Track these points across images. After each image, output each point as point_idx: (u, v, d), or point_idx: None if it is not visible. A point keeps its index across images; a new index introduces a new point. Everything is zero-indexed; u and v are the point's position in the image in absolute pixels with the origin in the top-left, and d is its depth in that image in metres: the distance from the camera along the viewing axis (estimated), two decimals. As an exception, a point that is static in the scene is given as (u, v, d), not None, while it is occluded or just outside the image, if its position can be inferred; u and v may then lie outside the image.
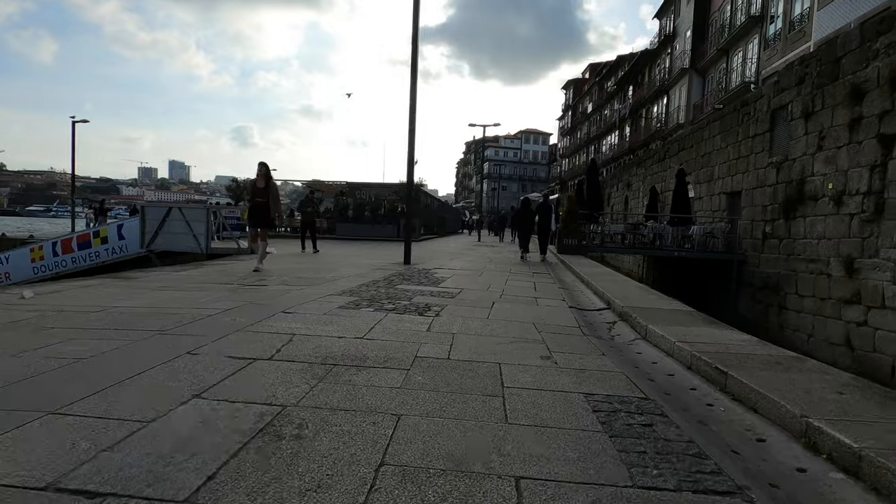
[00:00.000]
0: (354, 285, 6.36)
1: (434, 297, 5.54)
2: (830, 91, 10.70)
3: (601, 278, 7.64)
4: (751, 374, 2.56)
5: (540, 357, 3.19)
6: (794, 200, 11.83)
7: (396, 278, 7.28)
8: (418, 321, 4.19)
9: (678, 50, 29.48)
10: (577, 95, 63.43)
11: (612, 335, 4.07)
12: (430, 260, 11.39)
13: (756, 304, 13.35)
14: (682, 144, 19.65)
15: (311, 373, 2.64)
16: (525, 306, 5.25)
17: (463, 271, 8.76)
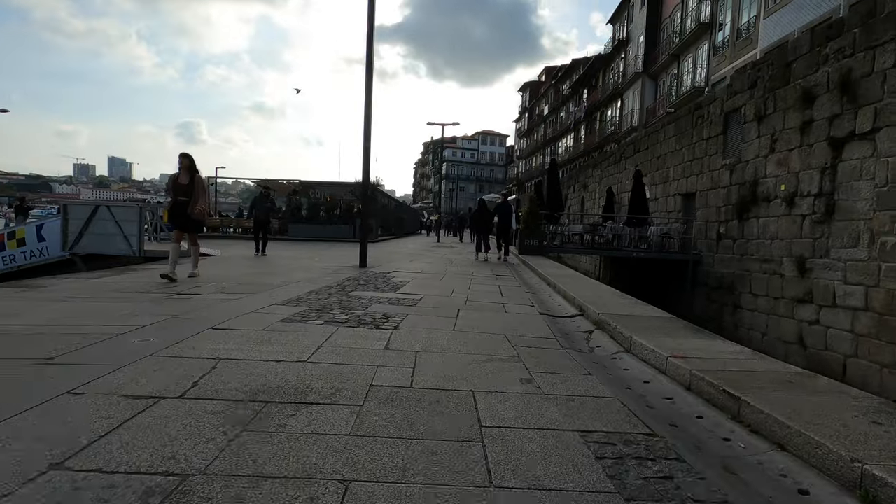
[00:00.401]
0: (303, 292, 5.68)
1: (393, 306, 4.97)
2: (782, 94, 10.94)
3: (568, 281, 7.31)
4: (766, 398, 2.17)
5: (519, 380, 2.71)
6: (748, 202, 12.06)
7: (351, 284, 6.64)
8: (375, 336, 3.62)
9: (631, 55, 30.23)
10: (533, 98, 64.30)
11: (591, 347, 3.66)
12: (388, 262, 10.78)
13: (711, 304, 13.57)
14: (638, 146, 19.96)
15: (234, 416, 2.02)
16: (493, 314, 4.79)
17: (423, 275, 8.22)
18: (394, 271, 8.63)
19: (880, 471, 1.53)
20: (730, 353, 3.10)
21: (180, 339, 3.22)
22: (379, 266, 9.71)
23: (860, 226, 8.76)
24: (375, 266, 9.65)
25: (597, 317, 4.37)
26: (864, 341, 8.56)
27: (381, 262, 10.57)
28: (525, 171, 65.29)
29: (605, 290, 6.30)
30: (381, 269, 8.93)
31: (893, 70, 8.18)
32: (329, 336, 3.54)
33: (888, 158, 8.22)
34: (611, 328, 3.92)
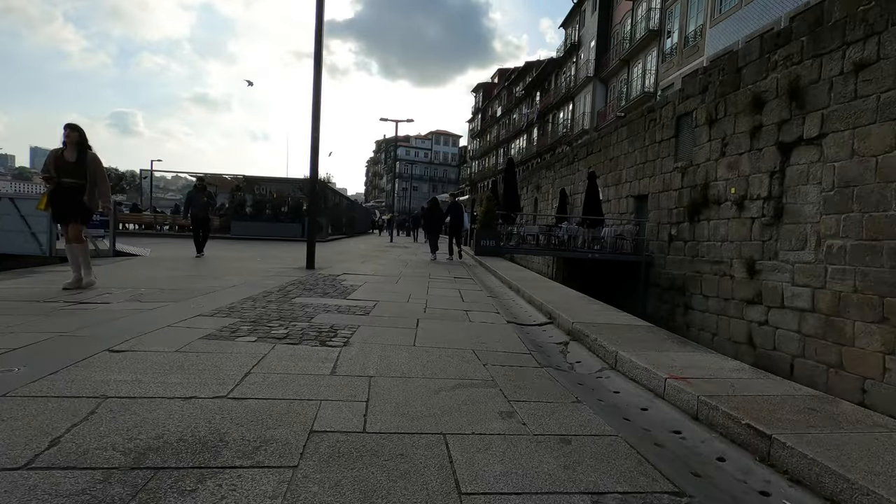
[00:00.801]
0: (238, 299, 4.91)
1: (342, 315, 4.33)
2: (733, 99, 11.16)
3: (531, 284, 6.93)
4: (802, 438, 1.77)
5: (499, 414, 2.19)
6: (699, 204, 12.26)
7: (295, 288, 5.91)
8: (319, 356, 2.97)
9: (583, 59, 30.79)
10: (486, 99, 64.63)
11: (570, 363, 3.22)
12: (339, 263, 10.02)
13: (663, 304, 13.75)
14: (591, 148, 20.16)
15: (101, 498, 1.36)
16: (457, 324, 4.27)
17: (377, 277, 7.59)
18: (344, 274, 7.92)
19: None
20: (729, 370, 2.74)
21: (58, 368, 2.44)
22: (328, 268, 8.96)
23: (807, 229, 8.97)
24: (324, 268, 8.89)
25: (570, 326, 3.95)
26: (811, 342, 8.77)
27: (331, 264, 9.81)
28: (478, 172, 65.53)
29: (572, 294, 5.95)
30: (331, 272, 8.19)
31: (840, 78, 8.41)
32: (261, 358, 2.87)
33: (834, 164, 8.44)
34: (589, 340, 3.50)
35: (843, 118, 8.32)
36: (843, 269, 8.19)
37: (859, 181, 7.99)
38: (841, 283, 8.23)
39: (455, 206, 15.06)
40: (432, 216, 14.94)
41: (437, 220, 14.98)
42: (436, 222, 14.94)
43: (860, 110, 8.02)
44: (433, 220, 14.91)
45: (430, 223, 14.96)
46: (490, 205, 13.92)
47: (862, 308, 7.87)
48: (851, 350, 8.04)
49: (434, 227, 14.90)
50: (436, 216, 14.96)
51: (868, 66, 7.92)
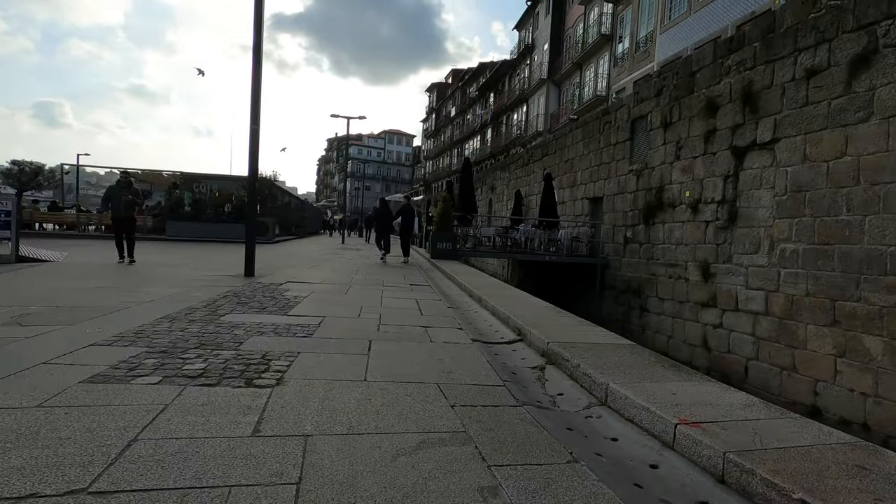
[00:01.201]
0: (151, 320, 4.08)
1: (280, 339, 3.64)
2: (687, 103, 11.22)
3: (493, 292, 6.45)
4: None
5: (479, 491, 1.63)
6: (654, 207, 12.30)
7: (227, 303, 5.10)
8: (241, 404, 2.28)
9: (536, 61, 30.99)
10: (440, 99, 64.29)
11: (551, 396, 2.72)
12: (284, 269, 9.15)
13: (619, 307, 13.75)
14: (546, 150, 20.11)
15: None
16: (416, 346, 3.68)
17: (325, 286, 6.85)
18: (288, 282, 7.12)
19: None
20: (739, 406, 2.33)
21: None
22: (270, 275, 8.10)
23: (761, 233, 9.05)
24: (266, 275, 8.03)
25: (545, 346, 3.46)
26: (765, 344, 8.84)
27: (275, 270, 8.93)
28: (432, 172, 65.08)
29: (539, 304, 5.51)
30: (273, 280, 7.36)
31: (792, 84, 8.50)
32: (160, 411, 2.15)
33: (787, 168, 8.52)
34: (569, 365, 3.02)
35: (795, 123, 8.41)
36: (796, 273, 8.27)
37: (811, 186, 8.08)
38: (794, 286, 8.31)
39: (407, 207, 14.92)
40: (382, 217, 14.86)
41: (387, 221, 14.95)
42: (386, 223, 14.87)
43: (812, 116, 8.12)
44: (383, 220, 14.81)
45: (381, 224, 14.96)
46: (446, 206, 13.42)
47: (814, 311, 7.95)
48: (804, 353, 8.12)
49: (384, 228, 14.76)
50: (385, 217, 14.88)
51: (819, 72, 8.02)
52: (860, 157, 7.31)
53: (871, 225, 7.13)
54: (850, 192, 7.44)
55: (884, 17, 7.08)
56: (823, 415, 7.67)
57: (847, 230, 7.46)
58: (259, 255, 12.84)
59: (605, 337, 3.81)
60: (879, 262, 7.00)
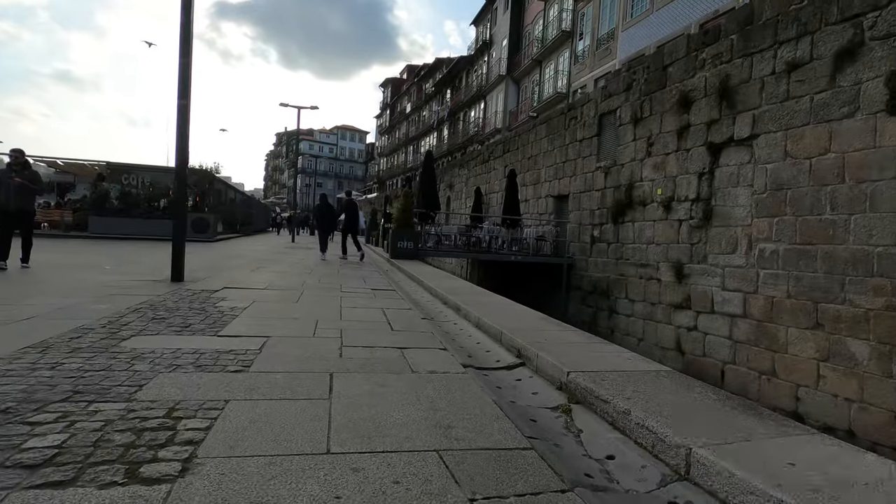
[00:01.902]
0: (17, 348, 2.89)
1: (201, 376, 2.57)
2: (658, 98, 10.86)
3: (470, 298, 5.62)
4: None
5: None
6: (624, 205, 11.91)
7: (138, 318, 3.92)
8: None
9: (495, 57, 30.52)
10: (395, 94, 62.94)
11: (600, 462, 1.89)
12: (223, 272, 7.87)
13: (586, 308, 13.32)
14: (508, 146, 19.55)
15: None
16: (395, 380, 2.69)
17: (271, 292, 5.74)
18: (225, 288, 5.93)
19: None
20: (876, 477, 1.60)
21: None
22: (205, 279, 6.87)
23: (738, 232, 8.74)
24: (199, 279, 6.79)
25: (564, 377, 2.65)
26: (743, 348, 8.52)
27: (212, 273, 7.67)
28: (387, 170, 63.63)
29: (531, 315, 4.70)
30: (206, 286, 6.14)
31: (771, 78, 8.20)
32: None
33: (766, 165, 8.22)
34: (609, 409, 2.22)
35: (775, 119, 8.11)
36: (776, 274, 7.97)
37: (793, 184, 7.79)
38: (774, 288, 8.01)
39: (350, 203, 14.46)
40: (323, 214, 14.42)
41: (329, 218, 14.53)
42: (328, 220, 14.45)
43: (793, 111, 7.82)
44: (325, 217, 14.40)
45: (322, 221, 14.40)
46: (407, 202, 12.45)
47: (795, 314, 7.67)
48: (785, 357, 7.83)
49: (326, 225, 14.36)
50: (327, 214, 14.43)
51: (801, 66, 7.73)
52: (845, 154, 7.04)
53: (857, 224, 6.86)
54: (834, 191, 7.17)
55: (871, 9, 6.82)
56: (805, 421, 7.38)
57: (831, 230, 7.18)
58: (196, 255, 11.40)
59: (631, 360, 3.06)
60: (866, 262, 6.73)
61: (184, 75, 5.79)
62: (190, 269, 7.70)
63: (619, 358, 3.10)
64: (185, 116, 5.89)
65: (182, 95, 5.87)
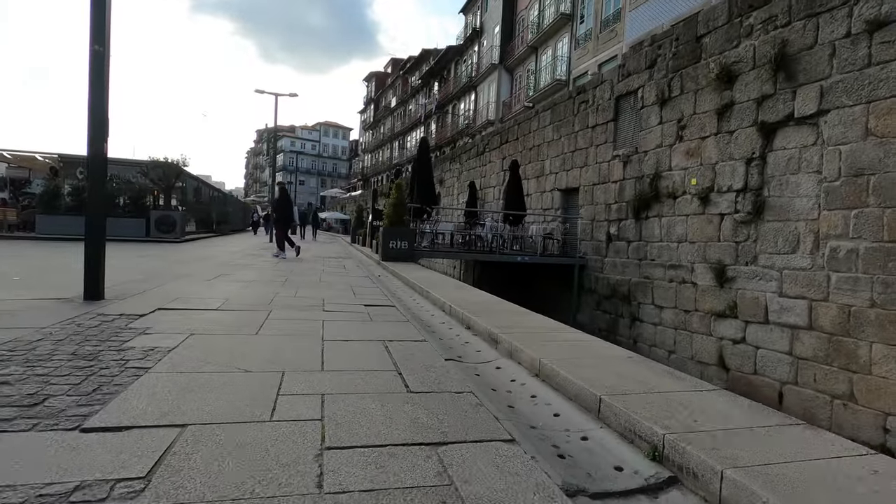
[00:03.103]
0: None
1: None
2: (691, 74, 9.43)
3: (506, 320, 4.07)
4: None
5: None
6: (648, 198, 10.47)
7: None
8: None
9: (486, 46, 28.96)
10: (379, 88, 60.98)
11: None
12: (169, 282, 6.12)
13: (602, 314, 11.88)
14: (506, 137, 18.02)
15: None
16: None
17: (223, 315, 4.06)
18: (158, 310, 4.20)
19: None
20: None
21: None
22: (137, 294, 5.17)
23: (800, 227, 7.33)
24: (128, 295, 5.08)
25: None
26: (809, 366, 7.12)
27: (155, 284, 5.96)
28: (371, 166, 61.68)
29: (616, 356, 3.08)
30: (132, 306, 4.40)
31: (846, 41, 6.79)
32: None
33: (840, 147, 6.81)
34: None
35: (851, 90, 6.70)
36: (855, 278, 6.58)
37: (877, 168, 6.39)
38: (851, 294, 6.62)
39: (282, 196, 12.80)
40: (282, 207, 12.76)
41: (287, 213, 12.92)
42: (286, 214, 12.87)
43: (877, 80, 6.42)
44: (283, 212, 12.75)
45: (280, 216, 12.72)
46: (400, 195, 10.78)
47: (882, 326, 6.29)
48: (867, 379, 6.44)
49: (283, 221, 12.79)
50: (286, 207, 12.84)
51: (887, 24, 6.32)
52: (956, 129, 5.64)
53: (976, 217, 5.47)
54: (940, 175, 5.78)
55: None
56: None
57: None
58: (150, 259, 9.61)
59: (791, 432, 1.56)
60: None
61: (98, 8, 4.08)
62: (125, 281, 5.98)
63: (748, 421, 1.58)
64: (102, 68, 4.19)
65: (97, 40, 4.16)
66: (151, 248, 12.95)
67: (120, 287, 5.41)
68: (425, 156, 12.17)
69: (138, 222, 16.28)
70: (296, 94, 19.16)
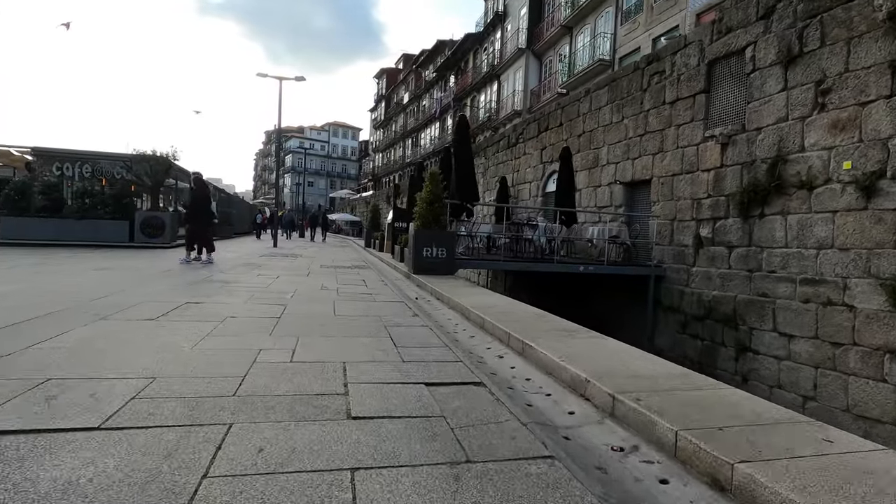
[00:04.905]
0: None
1: None
2: (840, 17, 6.88)
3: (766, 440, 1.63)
4: None
5: None
6: (764, 190, 7.92)
7: None
8: None
9: (511, 30, 26.48)
10: (390, 85, 58.71)
11: None
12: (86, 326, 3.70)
13: (690, 339, 9.33)
14: (546, 124, 15.50)
15: None
16: None
17: (111, 454, 1.81)
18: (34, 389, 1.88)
19: None
20: None
21: None
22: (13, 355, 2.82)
23: None
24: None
25: None
26: None
27: (42, 335, 3.59)
28: (382, 166, 59.43)
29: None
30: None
31: None
32: None
33: None
34: None
35: None
36: None
37: None
38: None
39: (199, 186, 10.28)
40: (197, 202, 10.27)
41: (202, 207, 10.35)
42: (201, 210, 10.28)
43: None
44: (198, 208, 10.25)
45: (194, 212, 10.22)
46: (436, 190, 8.22)
47: None
48: None
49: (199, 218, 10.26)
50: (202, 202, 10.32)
51: None
52: None
53: None
54: None
55: None
56: None
57: None
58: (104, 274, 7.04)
59: None
60: None
61: None
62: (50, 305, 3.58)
63: None
64: None
65: None
66: (125, 257, 10.64)
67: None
68: (465, 140, 9.69)
69: (120, 225, 14.02)
70: (303, 78, 16.89)
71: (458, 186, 8.98)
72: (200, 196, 10.24)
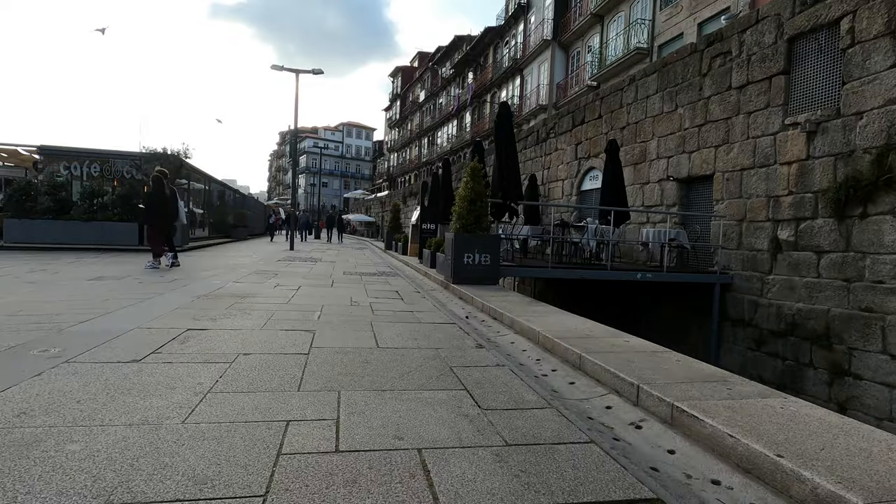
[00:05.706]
0: None
1: None
2: (979, -26, 5.65)
3: None
4: None
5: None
6: (868, 185, 6.70)
7: None
8: None
9: (535, 21, 25.30)
10: (406, 83, 57.84)
11: None
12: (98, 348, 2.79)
13: (766, 358, 8.12)
14: (581, 116, 14.35)
15: None
16: None
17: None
18: None
19: None
20: None
21: None
22: None
23: None
24: None
25: None
26: None
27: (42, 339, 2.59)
28: (398, 166, 58.60)
29: None
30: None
31: None
32: None
33: None
34: None
35: None
36: None
37: None
38: None
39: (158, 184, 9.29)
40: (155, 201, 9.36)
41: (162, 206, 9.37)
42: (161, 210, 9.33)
43: None
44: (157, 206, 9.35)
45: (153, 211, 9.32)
46: (478, 186, 7.10)
47: None
48: None
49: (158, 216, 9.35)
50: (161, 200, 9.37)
51: None
52: None
53: None
54: None
55: None
56: None
57: None
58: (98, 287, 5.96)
59: None
60: None
61: None
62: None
63: None
64: None
65: None
66: (130, 263, 9.78)
67: None
68: (508, 129, 8.60)
69: (129, 227, 13.22)
70: (321, 71, 15.93)
71: (500, 183, 7.88)
72: (158, 195, 9.21)
